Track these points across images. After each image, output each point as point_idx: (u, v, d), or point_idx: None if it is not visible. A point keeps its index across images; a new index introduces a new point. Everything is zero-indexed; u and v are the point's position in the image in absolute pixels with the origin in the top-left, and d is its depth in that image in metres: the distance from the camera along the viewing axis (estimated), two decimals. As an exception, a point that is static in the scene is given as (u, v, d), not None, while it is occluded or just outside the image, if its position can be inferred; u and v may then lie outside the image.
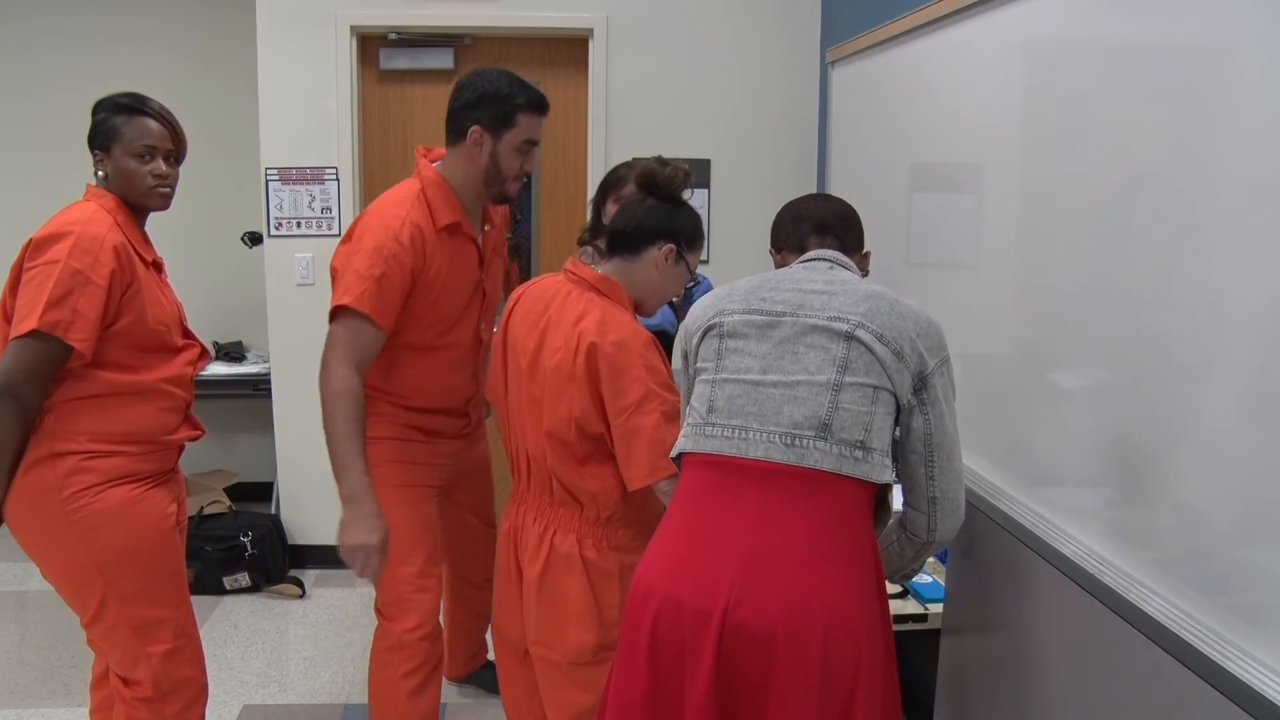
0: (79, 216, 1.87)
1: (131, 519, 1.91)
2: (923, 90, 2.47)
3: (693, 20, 3.61)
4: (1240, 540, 1.30)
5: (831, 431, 1.43)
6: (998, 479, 2.04)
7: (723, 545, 1.43)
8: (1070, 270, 1.75)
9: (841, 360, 1.45)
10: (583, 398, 1.77)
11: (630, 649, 1.49)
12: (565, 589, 1.86)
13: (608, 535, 1.86)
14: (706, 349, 1.56)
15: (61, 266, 1.79)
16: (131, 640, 1.95)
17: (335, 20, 3.52)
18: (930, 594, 1.99)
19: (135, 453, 1.93)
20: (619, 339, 1.76)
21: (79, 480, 1.86)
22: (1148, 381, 1.50)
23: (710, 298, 1.64)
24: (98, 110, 1.95)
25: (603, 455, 1.82)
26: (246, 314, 4.19)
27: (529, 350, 1.87)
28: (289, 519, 3.81)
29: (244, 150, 3.92)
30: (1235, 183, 1.31)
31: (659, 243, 1.86)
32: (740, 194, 3.61)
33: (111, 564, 1.90)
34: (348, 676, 3.00)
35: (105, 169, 1.94)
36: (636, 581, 1.51)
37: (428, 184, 2.19)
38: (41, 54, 4.11)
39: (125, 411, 1.91)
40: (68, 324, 1.79)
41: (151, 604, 1.96)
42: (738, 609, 1.38)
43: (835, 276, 1.56)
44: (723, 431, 1.48)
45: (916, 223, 2.56)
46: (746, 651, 1.38)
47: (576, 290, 1.86)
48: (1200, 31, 1.39)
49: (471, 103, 2.17)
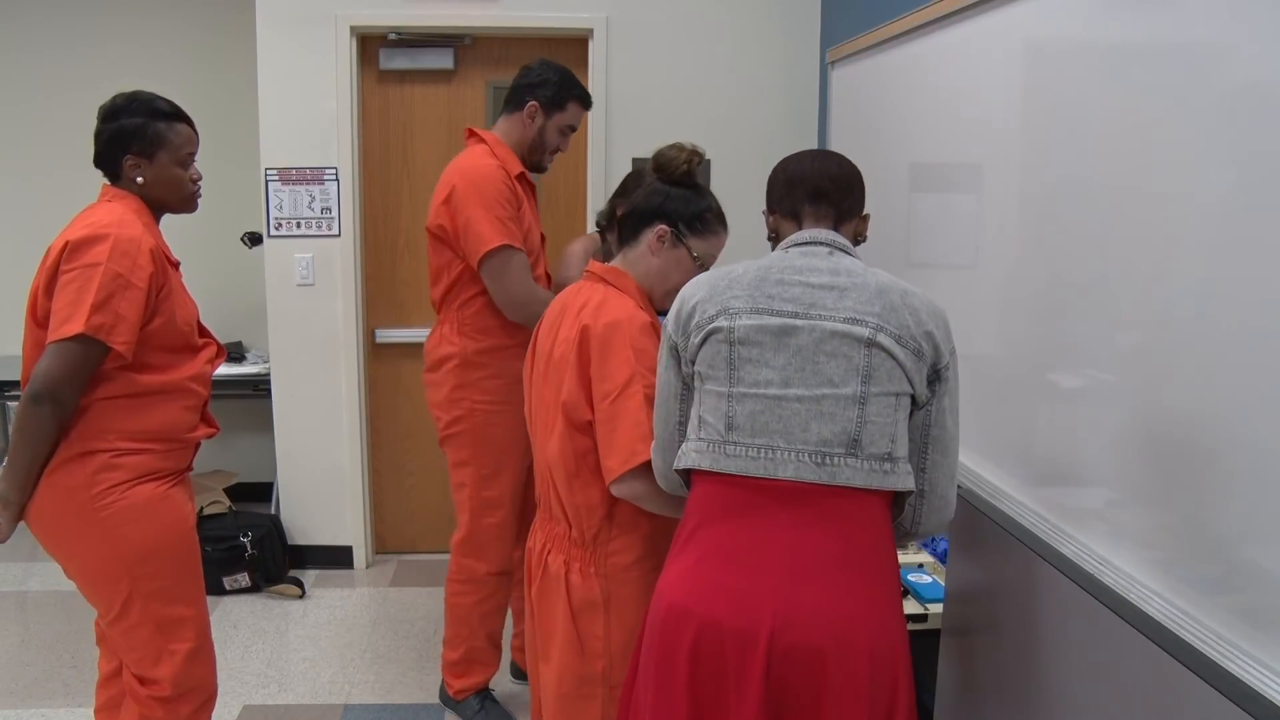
0: (112, 219, 1.87)
1: (157, 516, 1.93)
2: (923, 90, 2.47)
3: (692, 20, 3.61)
4: (1240, 540, 1.30)
5: (861, 447, 1.40)
6: (998, 479, 2.04)
7: (759, 567, 1.40)
8: (1070, 270, 1.75)
9: (865, 370, 1.41)
10: (571, 381, 1.72)
11: (668, 676, 1.43)
12: (553, 611, 1.81)
13: (595, 559, 1.76)
14: (712, 355, 1.49)
15: (103, 269, 1.80)
16: (155, 638, 1.96)
17: (335, 20, 3.52)
18: (930, 594, 1.99)
19: (160, 450, 1.95)
20: (612, 320, 1.71)
21: (108, 477, 1.87)
22: (1148, 381, 1.50)
23: (704, 286, 1.54)
24: (128, 113, 1.93)
25: (592, 462, 1.74)
26: (246, 314, 4.19)
27: (545, 352, 1.84)
28: (289, 519, 3.81)
29: (244, 150, 3.92)
30: (1235, 182, 1.31)
31: (653, 224, 1.81)
32: (740, 194, 3.60)
33: (138, 561, 1.91)
34: (348, 676, 3.00)
35: (144, 174, 1.94)
36: (665, 603, 1.46)
37: (493, 144, 2.58)
38: (40, 54, 4.11)
39: (154, 410, 1.93)
40: (110, 327, 1.80)
41: (175, 601, 1.97)
42: (785, 633, 1.36)
43: (839, 265, 1.50)
44: (747, 451, 1.43)
45: (916, 223, 2.56)
46: (796, 674, 1.37)
47: (589, 284, 1.85)
48: (1200, 32, 1.39)
49: (535, 82, 2.58)
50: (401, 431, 3.91)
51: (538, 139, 2.62)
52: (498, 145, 2.59)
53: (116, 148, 1.94)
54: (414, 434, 3.90)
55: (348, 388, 3.72)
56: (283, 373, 3.71)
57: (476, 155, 2.56)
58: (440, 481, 3.94)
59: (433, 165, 3.76)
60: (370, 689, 2.93)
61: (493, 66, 3.71)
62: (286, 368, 3.71)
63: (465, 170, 2.52)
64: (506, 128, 2.63)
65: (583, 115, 2.67)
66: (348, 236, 3.63)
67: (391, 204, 3.78)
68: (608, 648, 1.76)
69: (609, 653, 1.76)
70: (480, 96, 3.73)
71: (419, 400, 3.89)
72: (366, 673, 3.03)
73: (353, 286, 3.66)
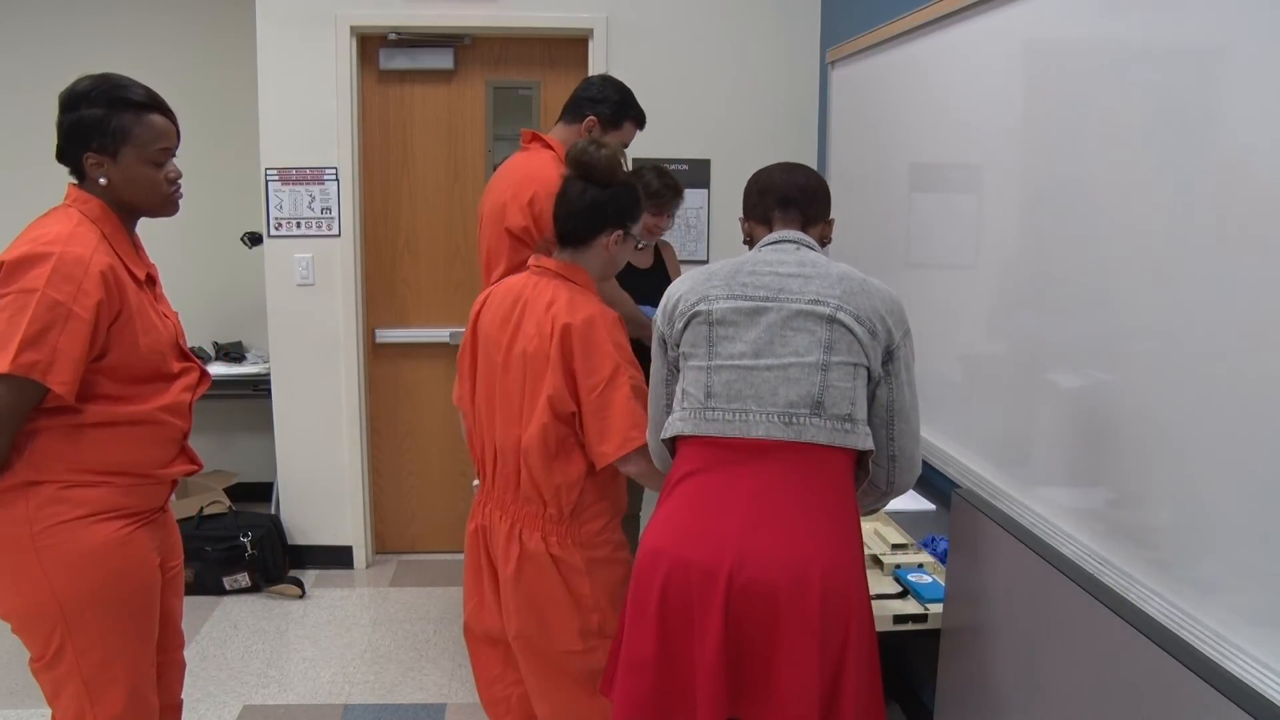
0: (59, 234, 1.62)
1: (109, 563, 1.69)
2: (922, 90, 2.47)
3: (692, 20, 3.61)
4: (1240, 540, 1.30)
5: (824, 408, 1.55)
6: (998, 479, 2.04)
7: (726, 512, 1.54)
8: (1069, 270, 1.75)
9: (826, 342, 1.57)
10: (555, 376, 1.83)
11: (640, 610, 1.58)
12: (542, 585, 1.91)
13: (571, 532, 1.90)
14: (694, 335, 1.65)
15: (39, 297, 1.55)
16: (81, 695, 1.72)
17: (335, 20, 3.52)
18: (930, 594, 1.99)
19: (123, 485, 1.71)
20: (588, 316, 1.84)
21: (54, 512, 1.64)
22: (1148, 381, 1.51)
23: (687, 282, 1.71)
24: (87, 103, 1.66)
25: (571, 445, 1.87)
26: (246, 314, 4.19)
27: (503, 344, 1.92)
28: (289, 519, 3.81)
29: (244, 150, 3.92)
30: (1234, 182, 1.31)
31: (607, 230, 1.94)
32: (740, 194, 3.60)
33: (77, 610, 1.67)
34: (348, 676, 3.00)
35: (108, 174, 1.68)
36: (645, 547, 1.60)
37: (561, 153, 2.54)
38: (39, 52, 4.11)
39: (113, 443, 1.69)
40: (46, 365, 1.55)
41: (112, 662, 1.72)
42: (743, 569, 1.50)
43: (805, 258, 1.66)
44: (724, 415, 1.59)
45: (916, 222, 2.56)
46: (753, 608, 1.50)
47: (544, 280, 1.94)
48: (1200, 32, 1.39)
49: (597, 98, 2.65)
50: (401, 431, 3.91)
51: None
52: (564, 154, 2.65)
53: (75, 143, 1.68)
54: (414, 434, 3.90)
55: (348, 388, 3.72)
56: (283, 373, 3.72)
57: (547, 163, 2.58)
58: (440, 481, 3.95)
59: (433, 165, 3.76)
60: (370, 689, 2.93)
61: (493, 66, 3.71)
62: (286, 368, 3.71)
63: (543, 180, 2.52)
64: (564, 137, 2.66)
65: (634, 136, 2.72)
66: (348, 236, 3.63)
67: (391, 204, 3.78)
68: (597, 603, 1.91)
69: (599, 607, 1.91)
70: (480, 96, 3.73)
71: (419, 400, 3.89)
72: (366, 673, 3.03)
73: (353, 286, 3.66)
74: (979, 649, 1.75)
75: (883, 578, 2.10)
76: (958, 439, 2.30)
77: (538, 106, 3.73)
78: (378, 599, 3.58)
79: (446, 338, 3.83)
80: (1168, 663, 1.23)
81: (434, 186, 3.78)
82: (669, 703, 1.57)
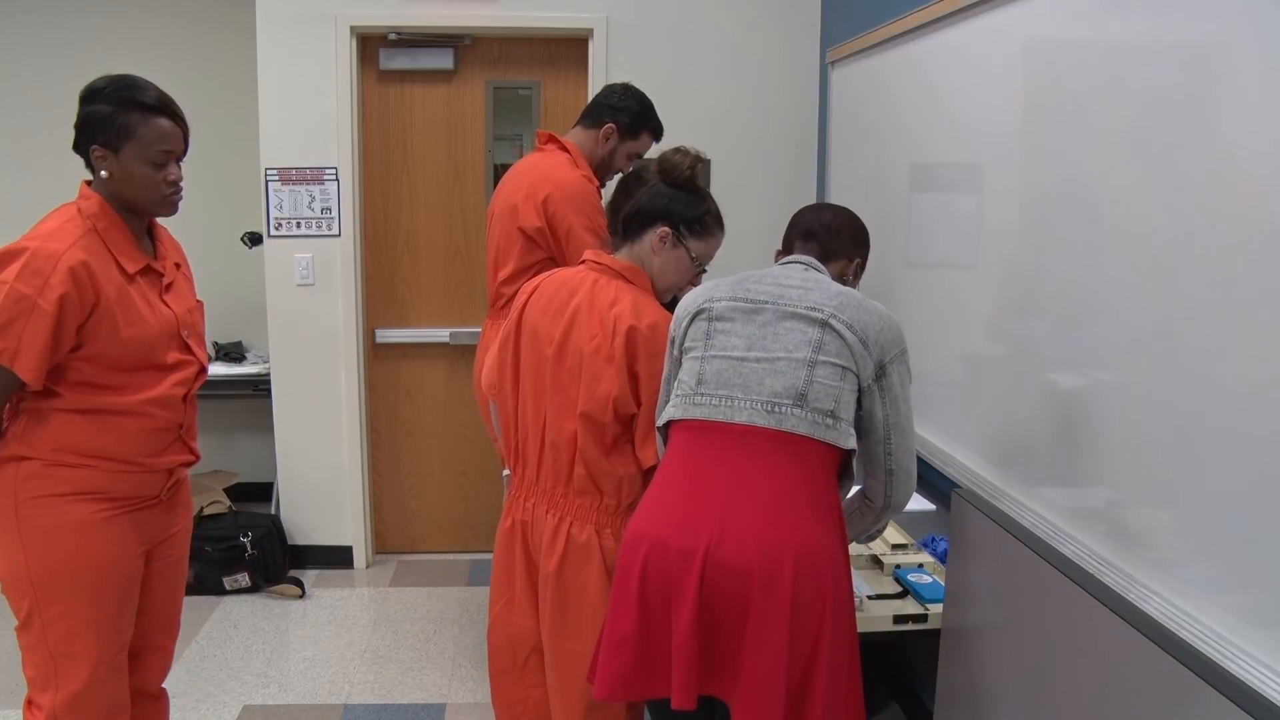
0: (43, 230, 1.74)
1: (79, 542, 1.78)
2: (922, 90, 2.47)
3: (693, 20, 3.61)
4: (1240, 540, 1.30)
5: (807, 401, 1.61)
6: (998, 479, 2.04)
7: (705, 494, 1.60)
8: (1069, 270, 1.76)
9: (816, 342, 1.64)
10: (620, 378, 1.84)
11: (623, 590, 1.64)
12: (585, 577, 1.88)
13: (624, 523, 1.87)
14: (695, 331, 1.73)
15: (7, 290, 1.66)
16: (46, 665, 1.81)
17: (335, 20, 3.52)
18: (930, 594, 1.99)
19: (106, 470, 1.79)
20: (653, 322, 1.86)
21: (36, 486, 1.75)
22: (1148, 381, 1.51)
23: (698, 290, 1.79)
24: (101, 99, 1.76)
25: (628, 439, 1.89)
26: (246, 314, 4.19)
27: (554, 337, 1.91)
28: (289, 519, 3.81)
29: (244, 150, 3.92)
30: (1234, 182, 1.31)
31: (655, 225, 1.93)
32: (740, 194, 3.60)
33: (43, 582, 1.77)
34: (348, 676, 3.00)
35: (110, 169, 1.77)
36: (629, 530, 1.66)
37: (576, 154, 2.68)
38: (39, 51, 4.11)
39: (95, 429, 1.77)
40: (12, 353, 1.67)
41: (76, 636, 1.80)
42: (718, 549, 1.55)
43: (810, 276, 1.74)
44: (710, 400, 1.66)
45: (916, 222, 2.56)
46: (726, 587, 1.54)
47: (603, 278, 1.93)
48: (1200, 32, 1.39)
49: (617, 106, 2.69)
50: (401, 431, 3.91)
51: (607, 159, 2.73)
52: (580, 157, 2.69)
53: (85, 135, 1.78)
54: (414, 434, 3.90)
55: (348, 388, 3.72)
56: (283, 372, 3.71)
57: (563, 165, 2.61)
58: (440, 481, 3.95)
59: (433, 165, 3.76)
60: (370, 689, 2.93)
61: (493, 66, 3.71)
62: (286, 367, 3.71)
63: (558, 181, 2.59)
64: (581, 140, 2.71)
65: (650, 147, 2.76)
66: (348, 236, 3.63)
67: (391, 204, 3.78)
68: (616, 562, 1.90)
69: None
70: (480, 96, 3.73)
71: (419, 400, 3.89)
72: (366, 673, 3.03)
73: (353, 286, 3.66)
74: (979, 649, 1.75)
75: (883, 578, 2.10)
76: (958, 439, 2.30)
77: (538, 106, 3.73)
78: (378, 599, 3.58)
79: (446, 338, 3.83)
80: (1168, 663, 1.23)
81: (434, 186, 3.78)
82: (646, 677, 1.62)
